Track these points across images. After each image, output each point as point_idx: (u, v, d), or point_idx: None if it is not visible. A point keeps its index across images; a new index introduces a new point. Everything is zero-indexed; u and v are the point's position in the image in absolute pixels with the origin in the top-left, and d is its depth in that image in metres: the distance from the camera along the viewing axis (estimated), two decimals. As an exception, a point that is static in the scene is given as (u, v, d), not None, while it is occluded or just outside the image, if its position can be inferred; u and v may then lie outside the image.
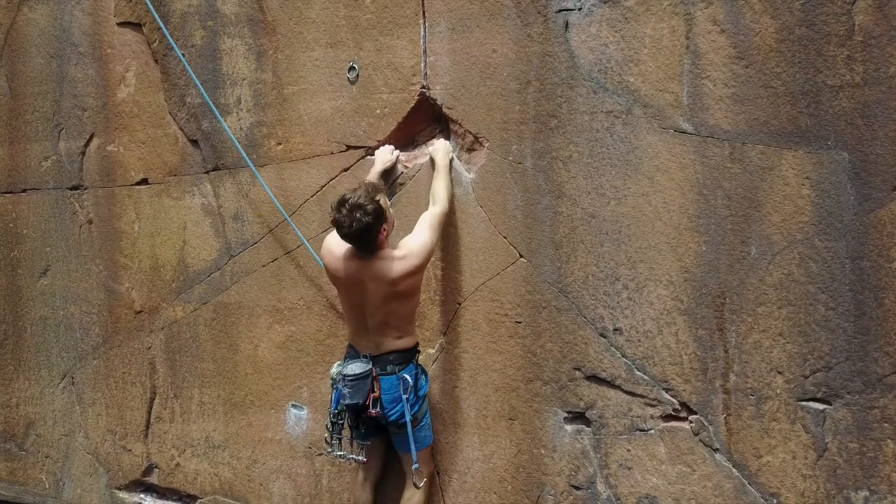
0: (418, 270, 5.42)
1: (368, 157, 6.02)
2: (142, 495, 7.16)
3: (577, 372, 5.38)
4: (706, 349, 5.04)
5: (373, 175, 5.81)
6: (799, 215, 4.78)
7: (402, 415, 5.43)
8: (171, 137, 6.88)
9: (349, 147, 6.10)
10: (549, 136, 5.43)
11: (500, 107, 5.57)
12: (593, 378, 5.32)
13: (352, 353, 5.55)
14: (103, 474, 7.28)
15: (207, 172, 6.72)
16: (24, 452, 7.66)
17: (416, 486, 5.54)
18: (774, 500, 4.90)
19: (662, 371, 5.16)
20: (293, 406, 6.39)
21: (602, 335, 5.30)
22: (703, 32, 5.00)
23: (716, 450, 5.04)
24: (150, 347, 7.01)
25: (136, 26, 7.01)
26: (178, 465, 6.93)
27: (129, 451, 7.13)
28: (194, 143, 6.77)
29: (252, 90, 6.50)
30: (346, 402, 5.41)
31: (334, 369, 5.57)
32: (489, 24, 5.61)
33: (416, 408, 5.49)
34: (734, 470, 4.99)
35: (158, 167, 6.95)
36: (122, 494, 7.22)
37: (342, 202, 5.25)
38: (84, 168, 7.27)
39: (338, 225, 5.30)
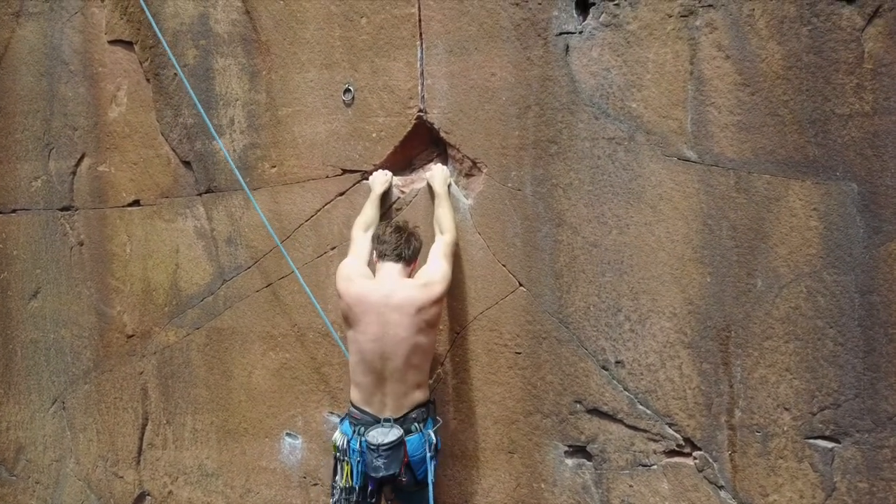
0: (441, 299, 5.26)
1: (364, 181, 5.87)
2: (134, 523, 7.03)
3: (578, 405, 5.26)
4: (711, 384, 4.91)
5: (371, 199, 5.67)
6: (806, 247, 4.65)
7: (426, 474, 5.22)
8: (163, 158, 6.74)
9: (345, 171, 5.96)
10: (550, 163, 5.30)
11: (498, 132, 5.44)
12: (595, 411, 5.20)
13: (365, 419, 5.23)
14: (94, 501, 7.14)
15: (200, 195, 6.58)
16: (14, 478, 7.52)
17: None
18: (781, 541, 4.77)
19: (666, 405, 5.03)
20: (287, 435, 6.26)
21: (604, 368, 5.17)
22: (708, 58, 4.87)
23: (720, 487, 4.91)
24: (142, 372, 6.88)
25: (128, 44, 6.87)
26: (170, 492, 6.80)
27: (121, 478, 7.00)
28: (187, 164, 6.63)
29: (246, 111, 6.36)
30: (382, 474, 5.11)
31: (340, 438, 5.29)
32: (488, 46, 5.47)
33: (435, 463, 5.26)
34: (740, 508, 4.87)
35: (150, 188, 6.81)
36: (114, 522, 7.09)
37: (398, 227, 5.34)
38: (75, 189, 7.13)
39: (386, 241, 5.29)
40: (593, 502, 5.25)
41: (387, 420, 5.16)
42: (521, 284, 5.41)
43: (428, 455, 5.17)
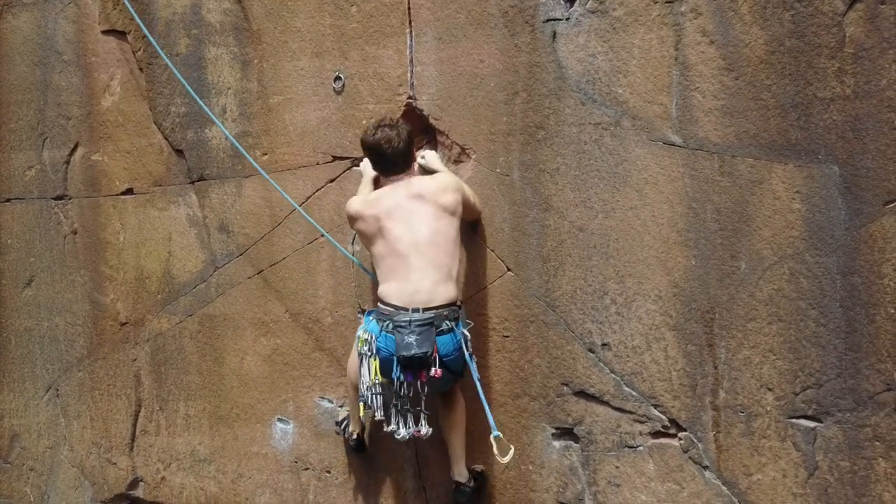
0: (452, 188, 5.23)
1: (354, 167, 5.92)
2: (127, 509, 7.08)
3: (565, 387, 5.31)
4: (695, 365, 4.97)
5: (365, 182, 5.69)
6: (789, 230, 4.71)
7: (459, 371, 5.15)
8: (156, 147, 6.79)
9: (335, 158, 6.02)
10: (537, 148, 5.35)
11: (487, 118, 5.49)
12: (581, 394, 5.25)
13: (394, 312, 5.09)
14: (88, 488, 7.19)
15: (193, 183, 6.63)
16: (8, 465, 7.58)
17: (498, 458, 4.92)
18: (765, 519, 4.83)
19: (651, 387, 5.08)
20: (279, 420, 6.31)
21: (590, 350, 5.23)
22: (693, 44, 4.92)
23: (705, 467, 4.97)
24: (135, 360, 6.93)
25: (121, 34, 6.92)
26: (163, 478, 6.85)
27: (115, 464, 7.05)
28: (179, 152, 6.68)
29: (237, 100, 6.41)
30: (413, 351, 4.94)
31: (363, 332, 5.19)
32: (476, 33, 5.53)
33: (462, 362, 5.14)
34: (724, 488, 4.92)
35: (143, 177, 6.86)
36: (108, 508, 7.15)
37: (380, 123, 5.29)
38: (68, 178, 7.18)
39: (376, 144, 5.26)
40: (580, 483, 5.30)
41: (416, 310, 5.04)
42: (508, 269, 5.46)
43: (467, 353, 5.10)
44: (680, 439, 5.03)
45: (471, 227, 5.53)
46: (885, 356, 4.53)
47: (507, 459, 4.93)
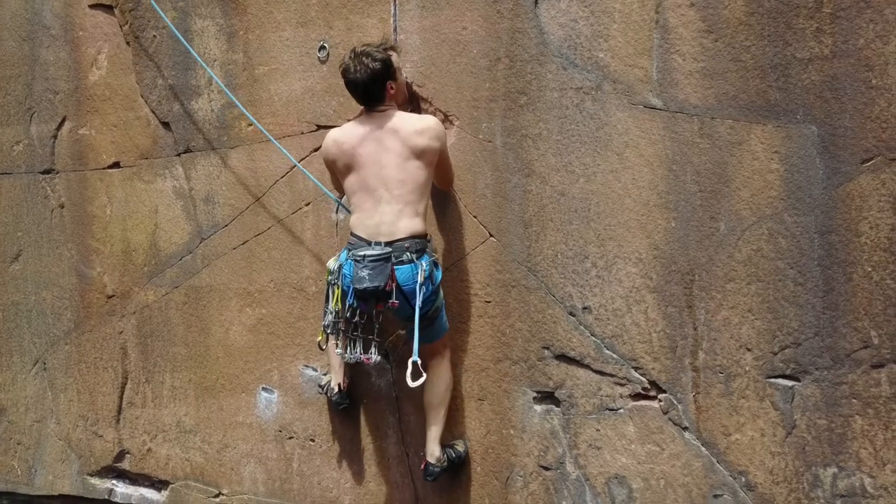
0: (433, 133, 5.20)
1: (339, 136, 5.93)
2: (113, 481, 7.09)
3: (546, 351, 5.33)
4: (675, 327, 4.99)
5: None
6: (768, 190, 4.73)
7: (426, 307, 5.16)
8: (142, 120, 6.81)
9: (319, 126, 6.03)
10: (519, 114, 5.37)
11: (469, 84, 5.51)
12: (562, 357, 5.27)
13: (358, 243, 5.18)
14: (75, 461, 7.20)
15: (179, 155, 6.65)
16: (-5, 439, 7.60)
17: (410, 382, 5.03)
18: (743, 479, 4.85)
19: (632, 349, 5.11)
20: (263, 389, 6.33)
21: (571, 314, 5.25)
22: (673, 6, 4.95)
23: (685, 428, 4.99)
24: (121, 332, 6.94)
25: (108, 8, 6.94)
26: (149, 450, 6.86)
27: (101, 436, 7.06)
28: (166, 125, 6.70)
29: (223, 71, 6.43)
30: (366, 285, 5.02)
31: (333, 263, 5.27)
32: (459, 0, 5.55)
33: (431, 299, 5.17)
34: (703, 448, 4.94)
35: (130, 150, 6.88)
36: (94, 481, 7.15)
37: (353, 51, 5.25)
38: (56, 152, 7.19)
39: (345, 72, 5.25)
40: (561, 447, 5.32)
41: (377, 243, 5.11)
42: (491, 235, 5.48)
43: (418, 282, 5.08)
44: (660, 401, 5.06)
45: (445, 196, 5.55)
46: (861, 314, 4.55)
47: (415, 385, 5.03)
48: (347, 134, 5.34)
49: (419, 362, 5.07)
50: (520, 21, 5.36)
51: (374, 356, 5.29)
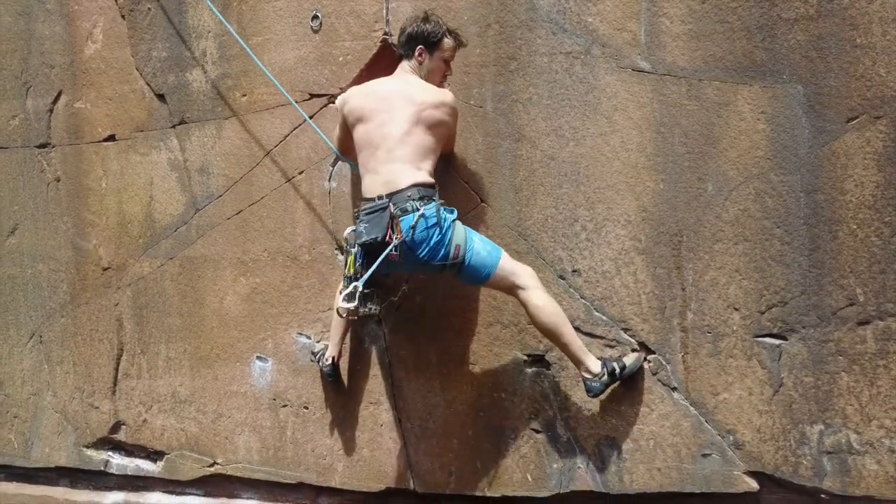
0: (448, 109, 5.20)
1: (331, 104, 5.97)
2: (110, 453, 7.12)
3: (536, 315, 5.35)
4: (664, 288, 5.02)
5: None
6: (754, 150, 4.77)
7: (437, 254, 5.01)
8: (137, 93, 6.84)
9: (312, 95, 6.07)
10: (510, 79, 5.41)
11: (461, 51, 5.53)
12: (553, 321, 5.28)
13: (366, 204, 5.14)
14: (71, 433, 7.24)
15: (174, 126, 6.68)
16: (-8, 412, 7.64)
17: (341, 304, 4.98)
18: (731, 437, 4.88)
19: (621, 311, 5.14)
20: (258, 358, 6.36)
21: (561, 277, 5.28)
22: (661, -31, 4.98)
23: (673, 389, 5.02)
24: (117, 304, 6.97)
25: (103, -18, 6.97)
26: (145, 421, 6.90)
27: (97, 408, 7.09)
28: (161, 97, 6.73)
29: (217, 42, 6.46)
30: (364, 238, 4.96)
31: (348, 230, 5.18)
32: (450, -32, 5.59)
33: (442, 244, 5.01)
34: (692, 408, 4.98)
35: (126, 123, 6.91)
36: (90, 452, 7.18)
37: (426, 11, 5.38)
38: (52, 126, 7.22)
39: (406, 22, 5.36)
40: (552, 410, 5.36)
41: (379, 197, 5.05)
42: (482, 200, 5.51)
43: (424, 227, 4.97)
44: (649, 362, 5.09)
45: (444, 166, 5.58)
46: (847, 272, 4.59)
47: (350, 306, 4.96)
48: (371, 88, 5.36)
49: (360, 288, 4.95)
50: (510, -13, 5.39)
51: (375, 306, 5.24)
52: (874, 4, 4.49)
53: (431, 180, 5.14)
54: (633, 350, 5.12)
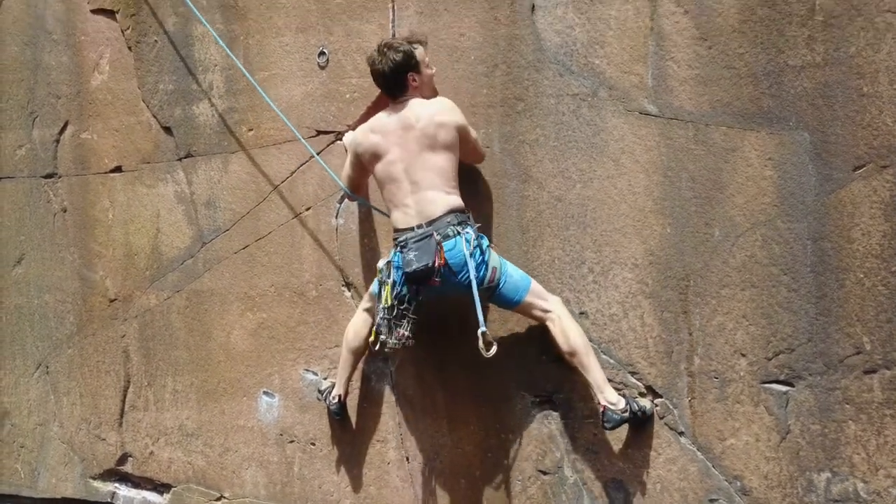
0: (452, 124, 5.19)
1: (338, 141, 5.98)
2: (116, 484, 7.14)
3: (543, 356, 5.37)
4: (671, 332, 5.03)
5: (349, 153, 5.73)
6: (761, 197, 4.77)
7: (477, 277, 5.06)
8: (144, 125, 6.85)
9: (319, 132, 6.08)
10: (516, 120, 5.42)
11: (467, 90, 5.55)
12: (559, 362, 5.29)
13: (402, 234, 5.20)
14: (78, 463, 7.25)
15: (180, 159, 6.69)
16: (-1, 442, 7.66)
17: (482, 352, 4.99)
18: (738, 483, 4.88)
19: (628, 354, 5.14)
20: (265, 393, 6.37)
21: (568, 319, 5.28)
22: (667, 14, 4.99)
23: (680, 433, 5.03)
24: (124, 336, 6.99)
25: (110, 13, 6.98)
26: (152, 453, 6.91)
27: (104, 440, 7.11)
28: (167, 130, 6.75)
29: (224, 76, 6.48)
30: (414, 266, 5.02)
31: (382, 262, 5.29)
32: (457, 7, 5.59)
33: (483, 267, 5.08)
34: (699, 453, 4.98)
35: (132, 154, 6.92)
36: (97, 483, 7.20)
37: (378, 45, 5.31)
38: (58, 156, 7.24)
39: (371, 63, 5.32)
40: (559, 451, 5.36)
41: (418, 226, 5.12)
42: (489, 240, 5.50)
43: (466, 252, 5.04)
44: (656, 405, 5.09)
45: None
46: (854, 320, 4.59)
47: (490, 354, 5.01)
48: (377, 125, 5.37)
49: (487, 332, 5.04)
50: (517, 28, 5.40)
51: (407, 331, 5.22)
52: (881, 53, 4.49)
53: (462, 204, 5.22)
54: (641, 394, 5.11)
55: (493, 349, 5.02)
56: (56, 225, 7.30)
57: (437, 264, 5.05)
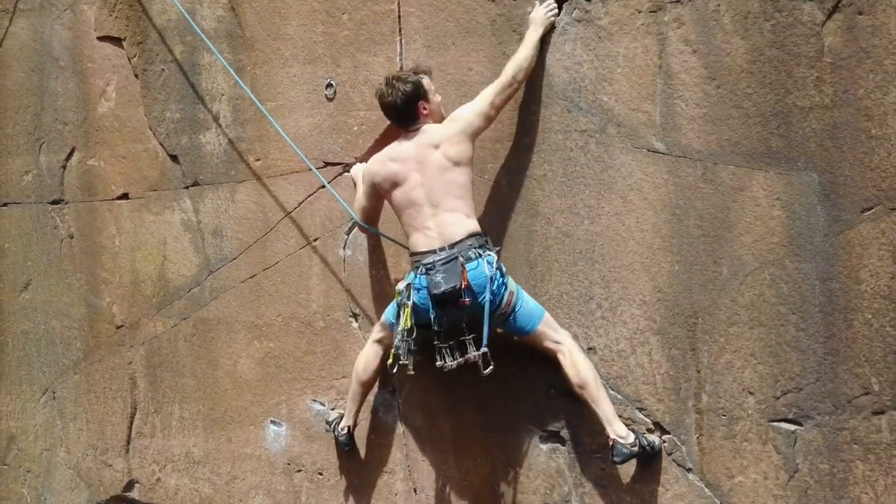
0: (463, 135, 5.25)
1: (346, 173, 6.01)
2: (123, 510, 7.17)
3: (551, 390, 5.39)
4: (679, 369, 5.05)
5: (359, 186, 5.75)
6: (770, 236, 4.79)
7: (492, 301, 5.12)
8: (150, 152, 6.87)
9: (327, 163, 6.10)
10: (524, 155, 5.44)
11: (475, 125, 5.56)
12: (568, 396, 5.31)
13: (423, 256, 5.24)
14: (84, 489, 7.27)
15: (187, 188, 6.71)
16: (5, 467, 7.66)
17: (480, 370, 5.10)
18: (746, 521, 4.91)
19: (636, 390, 5.17)
20: (272, 422, 6.39)
21: (576, 354, 5.30)
22: (676, 52, 5.01)
23: (689, 469, 5.05)
24: (130, 362, 7.01)
25: (116, 41, 7.00)
26: (158, 480, 6.93)
27: (110, 466, 7.13)
28: (174, 158, 6.77)
29: (231, 106, 6.50)
30: (443, 288, 5.07)
31: (401, 284, 5.31)
32: (465, 41, 5.62)
33: (502, 289, 5.16)
34: (706, 490, 5.00)
35: (139, 182, 6.94)
36: (104, 509, 7.23)
37: (386, 79, 5.40)
38: (65, 182, 7.26)
39: (381, 97, 5.40)
40: (567, 485, 5.39)
41: (441, 249, 5.17)
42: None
43: (488, 274, 5.10)
44: (664, 442, 5.11)
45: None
46: (862, 361, 4.61)
47: (486, 372, 5.10)
48: (394, 153, 5.43)
49: (488, 352, 5.09)
50: (525, 63, 5.41)
51: (474, 352, 5.20)
52: (889, 96, 4.51)
53: (480, 229, 5.28)
54: (649, 430, 5.14)
55: (490, 368, 5.10)
56: (63, 251, 7.32)
57: (463, 286, 5.10)
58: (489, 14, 5.52)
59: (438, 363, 5.26)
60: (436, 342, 5.26)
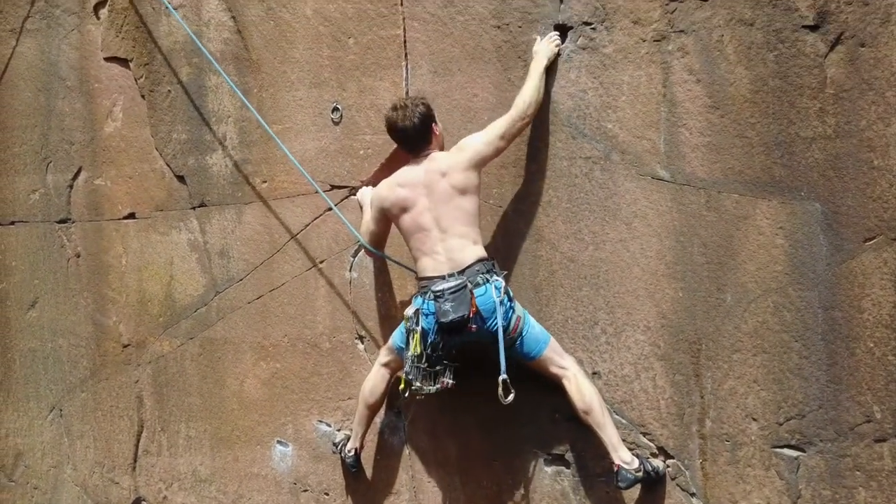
0: (470, 164, 5.27)
1: (352, 196, 6.06)
2: (129, 528, 7.21)
3: (556, 414, 5.44)
4: (683, 394, 5.10)
5: (365, 209, 5.81)
6: (773, 264, 4.85)
7: (504, 324, 5.14)
8: (157, 173, 6.92)
9: (333, 186, 6.15)
10: (529, 181, 5.49)
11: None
12: (572, 420, 5.36)
13: (432, 282, 5.26)
14: (91, 506, 7.33)
15: (194, 208, 6.76)
16: (12, 483, 7.70)
17: (501, 398, 5.05)
18: (749, 546, 4.96)
19: (640, 415, 5.22)
20: (278, 442, 6.44)
21: (581, 379, 5.35)
22: (680, 81, 5.06)
23: (692, 494, 5.10)
24: (137, 381, 7.06)
25: (123, 61, 7.04)
26: (165, 498, 6.98)
27: (117, 483, 7.17)
28: (181, 178, 6.81)
29: (238, 128, 6.55)
30: (451, 317, 5.07)
31: (409, 310, 5.32)
32: (470, 67, 5.66)
33: (510, 312, 5.19)
34: (710, 514, 5.06)
35: (145, 202, 6.99)
36: (110, 526, 7.27)
37: (394, 105, 5.44)
38: (72, 201, 7.31)
39: (392, 123, 5.44)
40: (571, 508, 5.44)
41: (450, 275, 5.19)
42: (509, 295, 5.58)
43: (496, 300, 5.13)
44: (668, 466, 5.16)
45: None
46: (864, 389, 4.67)
47: (508, 400, 5.06)
48: (402, 179, 5.48)
49: (507, 379, 5.09)
50: (530, 90, 5.46)
51: (449, 379, 5.29)
52: (891, 128, 4.57)
53: (487, 255, 5.32)
54: (653, 454, 5.19)
55: (511, 396, 5.08)
56: (70, 270, 7.36)
57: (472, 313, 5.13)
58: (495, 40, 5.57)
59: (415, 385, 5.27)
60: (421, 364, 5.26)
